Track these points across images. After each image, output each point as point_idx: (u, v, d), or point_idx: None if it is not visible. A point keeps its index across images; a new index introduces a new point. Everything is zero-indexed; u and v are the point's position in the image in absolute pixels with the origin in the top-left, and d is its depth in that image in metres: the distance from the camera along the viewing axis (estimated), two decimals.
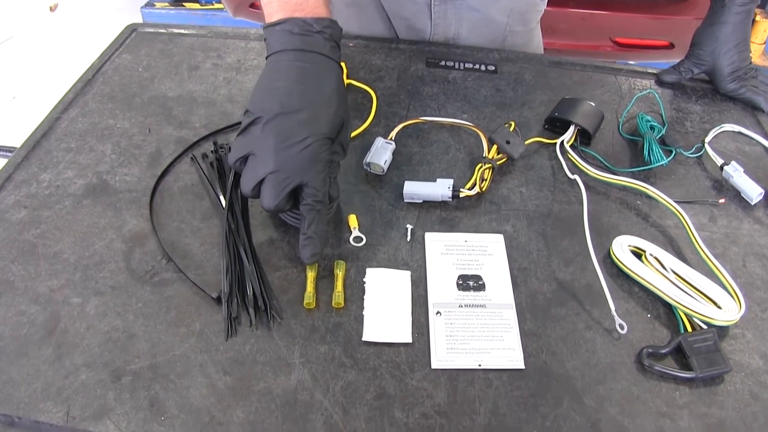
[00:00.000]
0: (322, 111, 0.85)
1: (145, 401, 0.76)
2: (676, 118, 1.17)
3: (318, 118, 0.84)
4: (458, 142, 1.10)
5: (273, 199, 0.83)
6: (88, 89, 1.19)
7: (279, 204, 0.83)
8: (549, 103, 1.17)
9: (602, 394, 0.78)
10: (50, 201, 0.98)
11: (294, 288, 0.88)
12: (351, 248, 0.93)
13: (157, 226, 0.95)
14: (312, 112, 0.84)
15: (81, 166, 1.04)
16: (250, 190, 0.85)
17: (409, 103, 1.18)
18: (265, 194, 0.83)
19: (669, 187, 1.03)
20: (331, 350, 0.81)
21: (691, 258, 0.93)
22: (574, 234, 0.96)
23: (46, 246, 0.92)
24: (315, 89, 0.86)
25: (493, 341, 0.83)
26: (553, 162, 1.07)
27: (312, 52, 0.88)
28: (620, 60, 2.40)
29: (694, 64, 1.21)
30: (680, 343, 0.82)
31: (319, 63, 0.88)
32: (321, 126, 0.84)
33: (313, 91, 0.86)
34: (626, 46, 2.27)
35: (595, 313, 0.87)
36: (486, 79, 1.24)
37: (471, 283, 0.89)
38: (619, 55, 2.33)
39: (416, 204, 0.99)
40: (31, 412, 0.75)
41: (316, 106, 0.85)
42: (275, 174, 0.82)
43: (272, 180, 0.82)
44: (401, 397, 0.77)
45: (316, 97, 0.86)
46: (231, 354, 0.81)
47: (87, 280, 0.88)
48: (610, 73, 1.27)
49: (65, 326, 0.83)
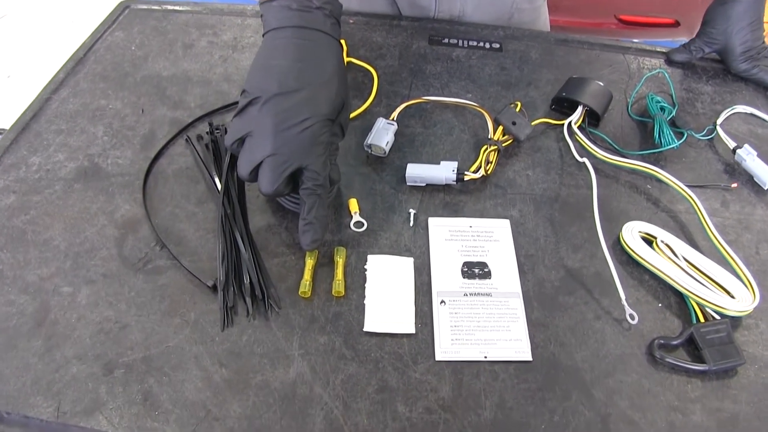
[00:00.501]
0: (322, 91, 0.82)
1: (138, 395, 0.73)
2: (686, 98, 1.14)
3: (318, 99, 0.81)
4: (462, 123, 1.07)
5: (271, 184, 0.79)
6: (80, 68, 1.15)
7: (278, 188, 0.80)
8: (555, 83, 1.14)
9: (612, 387, 0.76)
10: (40, 185, 0.95)
11: (292, 276, 0.85)
12: (351, 234, 0.90)
13: (151, 212, 0.92)
14: (312, 92, 0.81)
15: (72, 148, 1.01)
16: (247, 174, 0.81)
17: (411, 82, 1.14)
18: (263, 178, 0.80)
19: (680, 170, 1.00)
20: (331, 341, 0.79)
21: (702, 244, 0.90)
22: (582, 219, 0.93)
23: (35, 233, 0.89)
24: (315, 68, 0.83)
25: (500, 332, 0.80)
26: (561, 144, 1.04)
27: (311, 29, 0.84)
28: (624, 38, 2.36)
29: (706, 43, 1.17)
30: (692, 334, 0.79)
31: (319, 41, 0.85)
32: (321, 106, 0.81)
33: (313, 70, 0.82)
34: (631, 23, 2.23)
35: (604, 302, 0.84)
36: (491, 58, 1.20)
37: (476, 270, 0.86)
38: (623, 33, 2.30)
39: (419, 187, 0.96)
40: (21, 407, 0.72)
41: (315, 85, 0.82)
42: (274, 157, 0.79)
43: (270, 163, 0.79)
44: (404, 390, 0.75)
45: (316, 76, 0.82)
46: (227, 345, 0.78)
47: (78, 269, 0.85)
48: (618, 51, 1.24)
49: (55, 317, 0.80)
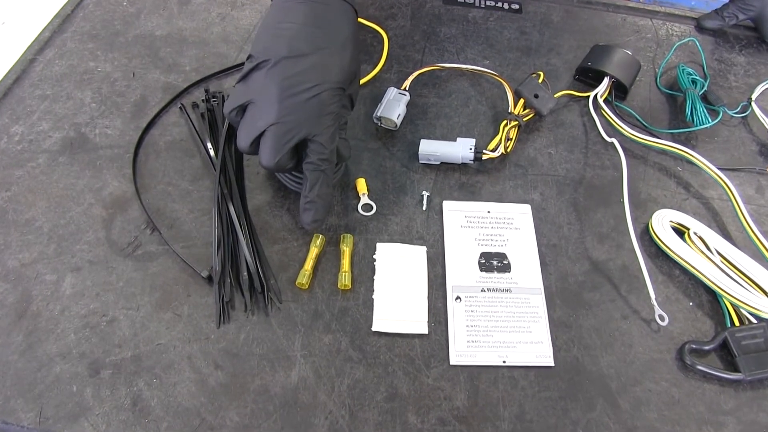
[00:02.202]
0: (334, 57, 0.76)
1: (127, 400, 0.69)
2: (718, 70, 1.06)
3: (329, 65, 0.75)
4: (479, 93, 1.00)
5: (273, 155, 0.73)
6: (67, 26, 1.07)
7: (280, 161, 0.73)
8: (579, 49, 1.06)
9: (639, 396, 0.71)
10: (22, 158, 0.88)
11: (295, 265, 0.79)
12: (359, 218, 0.84)
13: (141, 189, 0.86)
14: (323, 58, 0.75)
15: (57, 116, 0.93)
16: (247, 145, 0.75)
17: (424, 46, 1.06)
18: (265, 149, 0.73)
19: (711, 151, 0.93)
20: (337, 341, 0.74)
21: (736, 235, 0.85)
22: (608, 205, 0.87)
23: (16, 212, 0.83)
24: (327, 32, 0.77)
25: (520, 333, 0.75)
26: (585, 118, 0.97)
27: None
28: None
29: (740, 9, 1.10)
30: (726, 339, 0.74)
31: (332, 4, 0.79)
32: (333, 73, 0.75)
33: (326, 35, 0.76)
34: None
35: (631, 299, 0.78)
36: (509, 20, 1.12)
37: (495, 262, 0.80)
38: None
39: (433, 166, 0.90)
40: (0, 412, 0.68)
41: (328, 51, 0.76)
42: (277, 125, 0.72)
43: (274, 132, 0.73)
44: (416, 398, 0.70)
45: (329, 41, 0.76)
46: (223, 344, 0.73)
47: (62, 254, 0.79)
48: (645, 15, 1.16)
49: (38, 308, 0.75)
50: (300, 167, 0.76)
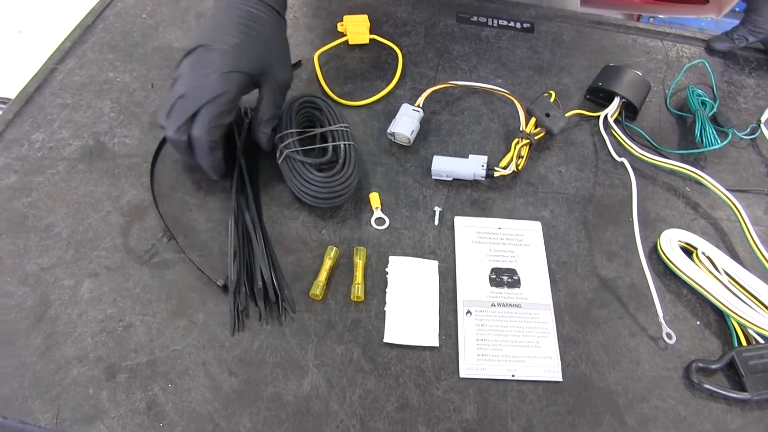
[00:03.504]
0: (245, 47, 0.84)
1: (142, 403, 0.70)
2: (727, 92, 1.08)
3: (239, 55, 0.83)
4: (492, 111, 1.01)
5: (175, 124, 0.80)
6: (87, 37, 1.08)
7: (180, 132, 0.80)
8: (590, 69, 1.08)
9: (646, 413, 0.72)
10: (43, 165, 0.90)
11: (308, 276, 0.80)
12: (372, 231, 0.85)
13: (159, 198, 0.87)
14: (234, 48, 0.83)
15: (77, 125, 0.95)
16: (163, 119, 0.82)
17: (438, 63, 1.08)
18: (171, 120, 0.81)
19: (720, 172, 0.95)
20: (349, 351, 0.74)
21: (744, 256, 0.86)
22: (617, 223, 0.88)
23: (36, 217, 0.84)
24: (245, 27, 0.85)
25: (529, 348, 0.76)
26: (596, 138, 0.98)
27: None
28: (650, 13, 2.29)
29: (750, 31, 1.11)
30: (733, 359, 0.75)
31: (254, 5, 0.87)
32: (240, 62, 0.82)
33: (242, 33, 0.84)
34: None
35: (639, 317, 0.79)
36: (521, 39, 1.14)
37: (505, 278, 0.81)
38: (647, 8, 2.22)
39: (445, 182, 0.91)
40: (18, 411, 0.69)
41: (240, 44, 0.83)
42: (183, 99, 0.80)
43: (179, 105, 0.80)
44: (426, 410, 0.71)
45: (245, 37, 0.84)
46: (237, 352, 0.74)
47: (80, 259, 0.80)
48: (655, 37, 1.17)
49: (56, 312, 0.76)
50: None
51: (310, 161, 0.83)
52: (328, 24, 1.11)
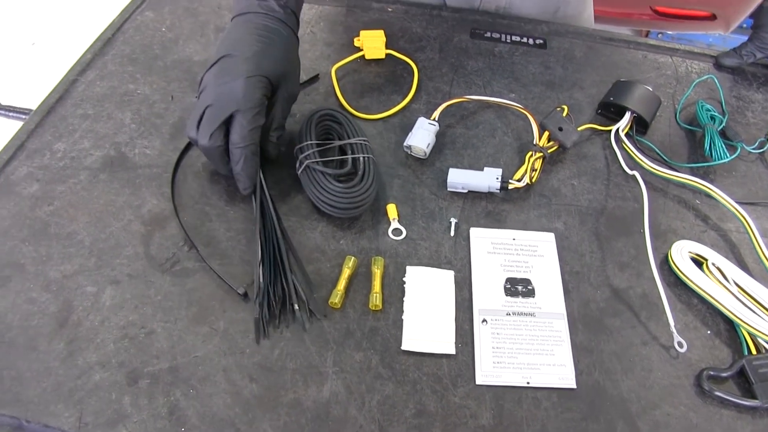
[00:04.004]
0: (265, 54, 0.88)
1: (163, 409, 0.71)
2: (736, 107, 1.09)
3: (260, 61, 0.87)
4: (505, 125, 1.03)
5: (207, 132, 0.83)
6: (108, 49, 1.11)
7: (213, 138, 0.83)
8: (601, 84, 1.09)
9: (658, 419, 0.73)
10: (65, 174, 0.92)
11: (327, 284, 0.82)
12: (390, 242, 0.87)
13: (180, 208, 0.89)
14: (255, 55, 0.87)
15: (98, 135, 0.97)
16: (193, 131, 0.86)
17: (452, 78, 1.10)
18: (202, 130, 0.84)
19: (729, 185, 0.96)
20: (367, 359, 0.76)
21: (753, 267, 0.87)
22: (629, 235, 0.89)
23: (59, 225, 0.86)
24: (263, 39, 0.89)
25: (543, 356, 0.77)
26: (607, 151, 1.00)
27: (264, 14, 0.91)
28: (657, 29, 2.30)
29: (758, 47, 1.12)
30: (743, 367, 0.76)
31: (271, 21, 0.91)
32: (261, 67, 0.86)
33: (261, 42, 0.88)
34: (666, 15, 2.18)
35: (651, 326, 0.81)
36: (534, 55, 1.16)
37: (520, 287, 0.83)
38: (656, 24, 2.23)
39: (460, 194, 0.93)
40: (41, 416, 0.70)
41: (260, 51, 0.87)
42: (211, 107, 0.84)
43: (208, 114, 0.84)
44: (443, 415, 0.72)
45: (264, 46, 0.88)
46: (258, 359, 0.75)
47: (102, 267, 0.82)
48: (665, 53, 1.19)
49: (78, 318, 0.77)
50: None
51: (331, 171, 0.85)
52: (345, 39, 1.13)
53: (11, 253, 0.83)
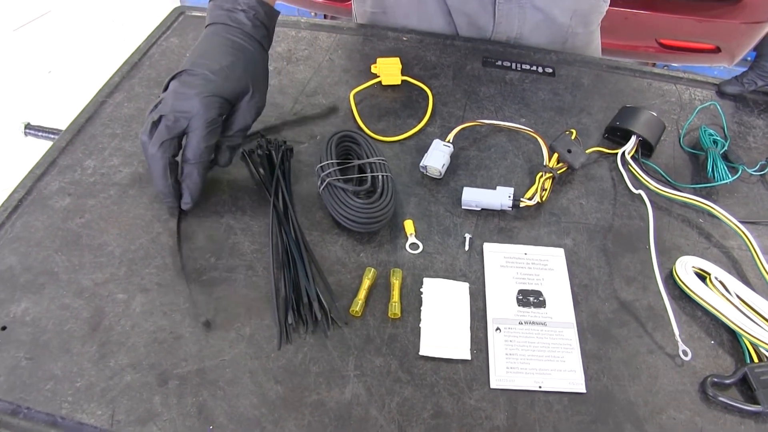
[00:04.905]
0: (228, 73, 0.91)
1: (192, 408, 0.74)
2: (738, 132, 1.13)
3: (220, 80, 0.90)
4: (516, 148, 1.07)
5: (158, 141, 0.87)
6: (135, 73, 1.16)
7: (163, 148, 0.87)
8: (608, 110, 1.14)
9: (665, 423, 0.76)
10: (95, 189, 0.96)
11: (348, 294, 0.85)
12: (407, 255, 0.90)
13: (205, 223, 0.93)
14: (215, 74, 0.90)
15: (126, 153, 1.01)
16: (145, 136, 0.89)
17: (465, 104, 1.14)
18: (155, 138, 0.88)
19: (732, 205, 1.00)
20: (387, 363, 0.79)
21: (755, 282, 0.90)
22: (635, 251, 0.93)
23: (90, 236, 0.90)
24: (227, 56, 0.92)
25: (554, 362, 0.80)
26: (614, 173, 1.04)
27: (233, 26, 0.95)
28: (663, 62, 2.35)
29: (759, 75, 1.17)
30: (746, 374, 0.79)
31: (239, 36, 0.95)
32: (219, 87, 0.89)
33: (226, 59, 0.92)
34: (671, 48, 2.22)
35: (657, 336, 0.84)
36: (543, 82, 1.20)
37: (531, 298, 0.86)
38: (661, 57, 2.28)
39: (474, 211, 0.96)
40: (75, 413, 0.73)
41: (222, 69, 0.90)
42: (166, 118, 0.87)
43: (163, 124, 0.87)
44: (459, 417, 0.75)
45: (229, 63, 0.91)
46: (283, 362, 0.78)
47: (132, 276, 0.86)
48: (669, 81, 1.24)
49: (110, 323, 0.81)
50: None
51: (351, 188, 0.89)
52: (362, 66, 1.17)
53: (45, 262, 0.87)
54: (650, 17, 2.14)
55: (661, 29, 2.19)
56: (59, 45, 3.64)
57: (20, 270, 0.86)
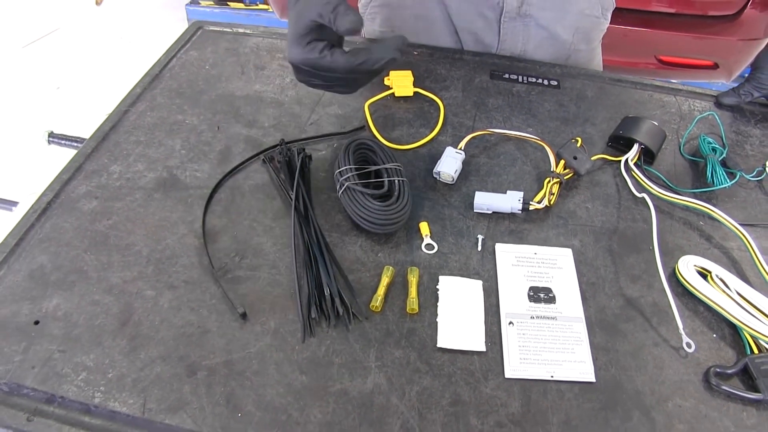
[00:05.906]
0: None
1: (221, 397, 0.77)
2: (735, 140, 1.18)
3: None
4: (524, 155, 1.11)
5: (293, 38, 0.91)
6: (156, 84, 1.20)
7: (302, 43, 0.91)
8: (611, 121, 1.18)
9: (671, 410, 0.79)
10: (121, 193, 1.00)
11: (368, 292, 0.89)
12: (423, 255, 0.94)
13: (231, 224, 0.96)
14: None
15: (151, 159, 1.05)
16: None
17: (475, 114, 1.19)
18: None
19: (731, 209, 1.03)
20: (406, 355, 0.83)
21: (754, 280, 0.94)
22: (639, 252, 0.97)
23: (118, 237, 0.93)
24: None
25: (565, 353, 0.84)
26: (618, 179, 1.08)
27: None
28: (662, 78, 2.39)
29: (755, 87, 1.21)
30: (747, 365, 0.83)
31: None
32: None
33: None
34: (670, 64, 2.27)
35: (662, 330, 0.87)
36: (549, 94, 1.25)
37: (542, 295, 0.90)
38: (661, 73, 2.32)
39: (485, 214, 1.00)
40: (108, 402, 0.76)
41: None
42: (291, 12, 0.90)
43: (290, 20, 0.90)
44: (476, 404, 0.78)
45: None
46: (307, 354, 0.82)
47: (160, 274, 0.90)
48: (669, 93, 1.28)
49: (139, 318, 0.84)
50: None
51: (369, 192, 0.93)
52: (376, 78, 1.21)
53: (74, 261, 0.90)
54: (649, 34, 2.19)
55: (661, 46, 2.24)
56: (67, 61, 3.70)
57: (51, 268, 0.89)
